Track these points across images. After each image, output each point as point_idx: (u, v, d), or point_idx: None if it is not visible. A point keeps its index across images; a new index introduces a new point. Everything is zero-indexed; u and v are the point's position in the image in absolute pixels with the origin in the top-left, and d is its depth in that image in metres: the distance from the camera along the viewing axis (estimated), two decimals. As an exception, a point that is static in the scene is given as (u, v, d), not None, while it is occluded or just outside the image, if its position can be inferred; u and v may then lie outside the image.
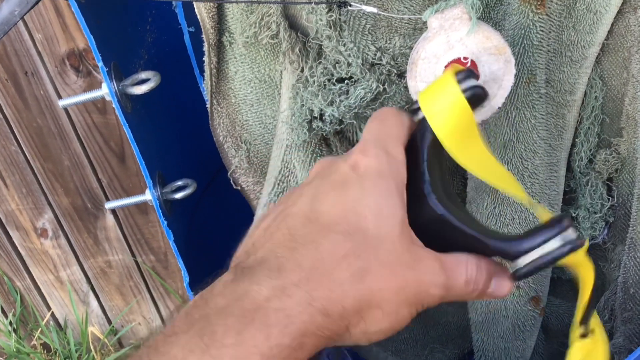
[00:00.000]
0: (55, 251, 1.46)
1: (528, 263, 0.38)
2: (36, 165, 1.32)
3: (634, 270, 0.59)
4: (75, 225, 1.42)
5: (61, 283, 1.51)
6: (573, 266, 0.39)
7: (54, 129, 1.28)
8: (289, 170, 0.61)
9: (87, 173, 1.33)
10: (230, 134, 0.66)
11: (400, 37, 0.55)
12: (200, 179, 0.67)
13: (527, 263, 0.38)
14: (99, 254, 1.45)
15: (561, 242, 0.38)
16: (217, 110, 0.64)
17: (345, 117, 0.56)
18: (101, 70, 0.53)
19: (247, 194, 0.69)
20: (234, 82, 0.63)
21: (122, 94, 0.56)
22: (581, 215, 0.63)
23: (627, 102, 0.59)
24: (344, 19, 0.54)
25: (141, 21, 0.66)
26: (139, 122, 0.59)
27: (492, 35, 0.49)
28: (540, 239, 0.38)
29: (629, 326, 0.60)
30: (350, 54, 0.54)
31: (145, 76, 0.57)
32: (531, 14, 0.54)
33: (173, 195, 0.63)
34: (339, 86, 0.56)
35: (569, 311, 0.69)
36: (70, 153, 1.31)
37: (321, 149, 0.60)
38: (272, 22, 0.56)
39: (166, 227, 0.61)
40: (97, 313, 1.56)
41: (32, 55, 1.20)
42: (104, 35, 0.55)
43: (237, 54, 0.61)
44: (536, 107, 0.58)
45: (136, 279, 1.49)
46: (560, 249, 0.38)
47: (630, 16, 0.55)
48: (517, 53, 0.56)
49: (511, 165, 0.60)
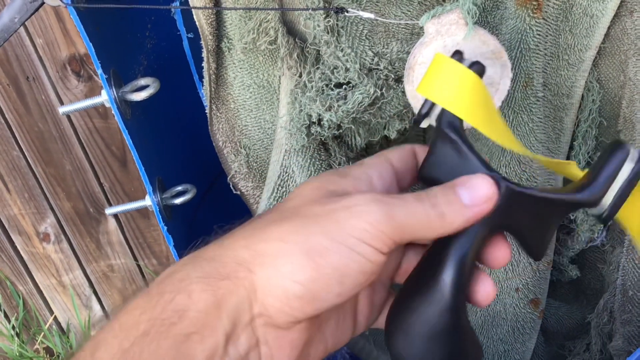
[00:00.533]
0: (57, 255, 1.46)
1: (615, 198, 0.38)
2: (38, 170, 1.33)
3: (632, 272, 0.59)
4: (77, 229, 1.42)
5: (64, 287, 1.51)
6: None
7: (56, 133, 1.28)
8: (288, 175, 0.61)
9: (89, 177, 1.33)
10: (229, 139, 0.66)
11: (397, 42, 0.55)
12: (200, 184, 0.67)
13: (613, 199, 0.38)
14: (101, 258, 1.46)
15: (632, 162, 0.37)
16: (216, 115, 0.64)
17: (344, 122, 0.57)
18: (100, 78, 0.53)
19: (247, 198, 0.69)
20: (232, 87, 0.63)
21: (121, 100, 0.57)
22: (579, 218, 0.63)
23: (625, 105, 0.59)
24: (341, 25, 0.54)
25: (140, 28, 0.66)
26: (139, 128, 0.60)
27: (488, 40, 0.49)
28: (610, 169, 0.37)
29: (628, 328, 0.60)
30: (348, 59, 0.55)
31: (145, 83, 0.57)
32: (528, 18, 0.55)
33: (173, 200, 0.64)
34: (337, 91, 0.56)
35: (568, 313, 0.70)
36: (72, 157, 1.31)
37: (320, 153, 0.60)
38: (270, 28, 0.56)
39: (166, 232, 0.61)
40: (99, 317, 1.56)
41: (33, 60, 1.20)
42: (103, 43, 0.55)
43: (235, 60, 0.61)
44: (533, 110, 0.58)
45: (139, 282, 1.49)
46: (636, 167, 0.37)
47: (627, 19, 0.55)
48: (514, 57, 0.56)
49: (509, 169, 0.60)
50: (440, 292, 0.38)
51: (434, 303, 0.38)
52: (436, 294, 0.38)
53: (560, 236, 0.66)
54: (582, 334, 0.69)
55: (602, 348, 0.64)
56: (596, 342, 0.65)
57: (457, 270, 0.38)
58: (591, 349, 0.66)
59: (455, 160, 0.40)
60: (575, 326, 0.69)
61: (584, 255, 0.68)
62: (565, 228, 0.65)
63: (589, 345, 0.66)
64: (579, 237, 0.64)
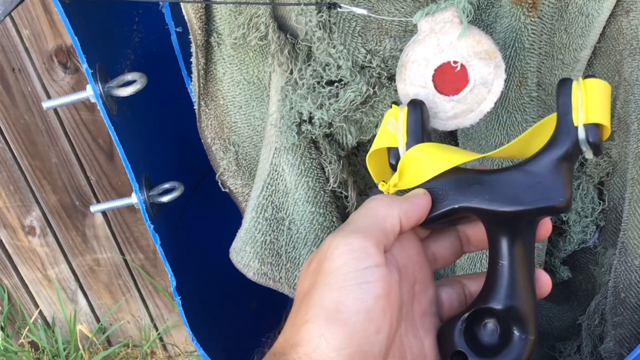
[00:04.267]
0: (43, 249, 1.45)
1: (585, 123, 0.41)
2: (24, 162, 1.31)
3: (624, 274, 0.58)
4: (63, 223, 1.40)
5: (49, 281, 1.50)
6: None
7: (42, 126, 1.26)
8: (278, 173, 0.60)
9: (76, 171, 1.32)
10: (218, 136, 0.65)
11: (390, 39, 0.54)
12: (187, 182, 0.66)
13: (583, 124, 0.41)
14: (88, 252, 1.44)
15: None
16: (205, 112, 0.63)
17: (335, 120, 0.56)
18: (85, 72, 0.52)
19: (236, 196, 0.68)
20: (222, 83, 0.62)
21: (107, 95, 0.55)
22: (572, 219, 0.63)
23: (619, 105, 0.58)
24: (333, 21, 0.53)
25: (127, 21, 0.65)
26: (125, 124, 0.58)
27: (483, 40, 0.48)
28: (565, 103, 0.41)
29: (619, 330, 0.60)
30: (340, 56, 0.54)
31: (132, 78, 0.56)
32: (523, 17, 0.54)
33: (160, 198, 0.63)
34: (329, 89, 0.55)
35: (559, 315, 0.69)
36: (58, 150, 1.29)
37: (310, 152, 0.59)
38: (261, 24, 0.55)
39: (152, 230, 0.60)
40: (85, 311, 1.55)
41: (19, 51, 1.18)
42: (89, 36, 0.54)
43: (225, 55, 0.60)
44: (527, 110, 0.57)
45: (125, 277, 1.48)
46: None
47: (623, 19, 0.55)
48: (508, 56, 0.55)
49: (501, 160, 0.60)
50: None
51: None
52: None
53: (552, 237, 0.65)
54: (573, 336, 0.68)
55: (593, 350, 0.64)
56: (587, 344, 0.64)
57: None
58: (582, 351, 0.65)
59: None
60: (566, 327, 0.69)
61: (575, 256, 0.67)
62: (557, 229, 0.65)
63: (579, 347, 0.66)
64: (571, 239, 0.64)
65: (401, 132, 0.46)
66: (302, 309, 0.38)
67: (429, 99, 0.50)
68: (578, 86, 0.42)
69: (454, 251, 0.46)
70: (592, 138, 0.41)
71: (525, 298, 0.41)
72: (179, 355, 1.58)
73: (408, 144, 0.45)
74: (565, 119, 0.41)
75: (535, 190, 0.41)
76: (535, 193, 0.41)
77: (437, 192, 0.43)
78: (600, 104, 0.41)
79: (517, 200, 0.41)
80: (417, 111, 0.46)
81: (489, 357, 0.41)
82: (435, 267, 0.46)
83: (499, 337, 0.41)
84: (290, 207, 0.61)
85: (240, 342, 0.82)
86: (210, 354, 0.62)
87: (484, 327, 0.42)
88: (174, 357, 1.58)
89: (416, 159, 0.44)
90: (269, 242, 0.62)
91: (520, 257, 0.41)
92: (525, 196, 0.41)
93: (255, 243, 0.61)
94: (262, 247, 0.61)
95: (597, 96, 0.42)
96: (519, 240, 0.41)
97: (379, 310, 0.36)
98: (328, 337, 0.35)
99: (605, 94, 0.42)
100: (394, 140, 0.46)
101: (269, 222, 0.61)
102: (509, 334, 0.41)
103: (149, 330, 1.55)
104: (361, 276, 0.37)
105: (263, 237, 0.61)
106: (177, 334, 1.55)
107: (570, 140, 0.41)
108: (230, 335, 0.79)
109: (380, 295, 0.37)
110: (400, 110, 0.47)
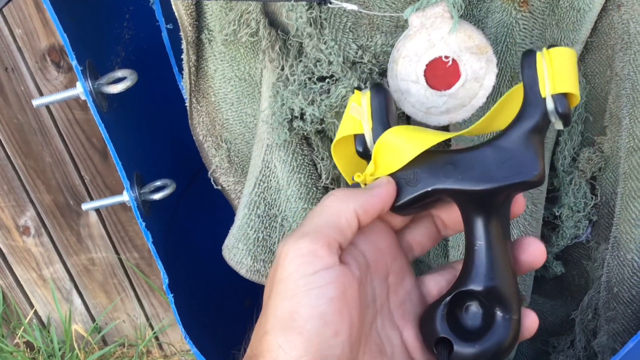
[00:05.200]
0: (37, 249, 1.44)
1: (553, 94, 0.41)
2: (17, 162, 1.31)
3: (617, 269, 0.58)
4: (57, 222, 1.40)
5: (44, 281, 1.50)
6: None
7: (35, 125, 1.26)
8: (270, 170, 0.60)
9: (69, 170, 1.31)
10: (210, 133, 0.65)
11: (381, 35, 0.54)
12: (180, 179, 0.66)
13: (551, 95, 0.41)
14: (82, 251, 1.44)
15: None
16: (196, 109, 0.63)
17: (327, 116, 0.56)
18: (75, 69, 0.52)
19: (228, 193, 0.68)
20: (213, 80, 0.62)
21: (97, 93, 0.55)
22: (564, 214, 0.63)
23: (611, 100, 0.58)
24: (324, 17, 0.53)
25: (118, 18, 0.65)
26: (116, 121, 0.58)
27: (474, 34, 0.48)
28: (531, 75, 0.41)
29: (612, 325, 0.60)
30: (331, 52, 0.53)
31: (122, 74, 0.56)
32: (514, 12, 0.54)
33: (151, 195, 0.62)
34: (320, 85, 0.55)
35: (552, 310, 0.69)
36: (52, 149, 1.29)
37: (302, 148, 0.59)
38: (252, 20, 0.55)
39: (144, 228, 0.60)
40: (80, 311, 1.54)
41: (12, 51, 1.18)
42: (79, 33, 0.54)
43: (216, 52, 0.60)
44: (519, 105, 0.57)
45: (120, 276, 1.47)
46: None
47: (614, 13, 0.55)
48: (499, 51, 0.55)
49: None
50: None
51: None
52: None
53: (544, 232, 0.65)
54: (566, 331, 0.68)
55: (587, 345, 0.64)
56: (580, 339, 0.64)
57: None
58: (575, 346, 0.65)
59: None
60: (560, 323, 0.69)
61: (568, 251, 0.67)
62: (549, 224, 0.65)
63: (573, 342, 0.66)
64: (564, 234, 0.64)
65: (366, 117, 0.44)
66: (262, 319, 0.38)
67: (421, 94, 0.50)
68: (542, 57, 0.41)
69: (431, 237, 0.46)
70: (560, 109, 0.40)
71: (505, 277, 0.40)
72: (174, 354, 1.57)
73: (374, 129, 0.44)
74: (532, 90, 0.41)
75: (507, 166, 0.40)
76: (507, 169, 0.40)
77: (407, 176, 0.42)
78: (567, 72, 0.41)
79: (490, 177, 0.40)
80: (380, 95, 0.45)
81: (473, 341, 0.40)
82: (412, 255, 0.46)
83: (482, 319, 0.41)
84: (282, 203, 0.61)
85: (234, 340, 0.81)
86: (204, 352, 0.62)
87: (466, 311, 0.41)
88: (170, 356, 1.58)
89: (390, 144, 0.43)
90: (262, 239, 0.61)
91: (496, 236, 0.41)
92: (498, 173, 0.40)
93: (247, 240, 0.61)
94: (254, 244, 0.61)
95: (562, 65, 0.41)
96: (494, 219, 0.41)
97: (334, 312, 0.36)
98: (286, 347, 0.35)
99: (571, 61, 0.41)
100: (359, 126, 0.45)
101: (262, 219, 0.61)
102: (491, 315, 0.40)
103: (145, 329, 1.55)
104: (311, 282, 0.36)
105: (255, 234, 0.61)
106: (173, 333, 1.55)
107: (539, 112, 0.41)
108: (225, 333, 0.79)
109: (334, 298, 0.36)
110: (363, 95, 0.45)
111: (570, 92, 0.40)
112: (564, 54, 0.41)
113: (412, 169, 0.42)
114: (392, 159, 0.43)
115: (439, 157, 0.42)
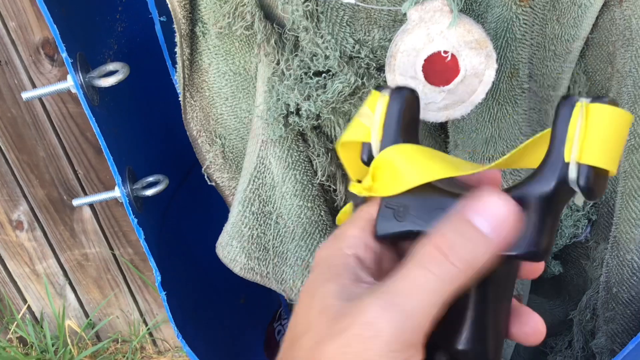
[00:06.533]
0: (31, 244, 1.43)
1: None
2: (11, 156, 1.30)
3: (616, 269, 0.58)
4: (51, 217, 1.39)
5: (37, 276, 1.49)
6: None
7: (29, 119, 1.25)
8: (265, 166, 0.59)
9: (63, 164, 1.30)
10: (204, 128, 0.64)
11: (379, 29, 0.53)
12: (173, 175, 0.65)
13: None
14: (76, 246, 1.43)
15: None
16: (190, 103, 0.62)
17: (323, 112, 0.55)
18: (65, 62, 0.51)
19: (222, 190, 0.67)
20: (207, 74, 0.61)
21: (88, 86, 0.54)
22: (564, 213, 0.62)
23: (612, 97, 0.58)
24: (321, 10, 0.52)
25: (110, 10, 0.64)
26: (107, 115, 0.57)
27: (473, 29, 0.47)
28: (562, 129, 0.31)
29: (611, 326, 0.59)
30: (328, 46, 0.52)
31: (113, 68, 0.55)
32: (514, 7, 0.53)
33: (144, 191, 0.61)
34: (316, 80, 0.54)
35: (550, 310, 0.69)
36: (46, 144, 1.28)
37: (298, 144, 0.58)
38: (247, 13, 0.54)
39: (136, 225, 0.59)
40: (74, 306, 1.54)
41: (5, 44, 1.17)
42: (69, 24, 0.53)
43: (210, 45, 0.59)
44: (518, 102, 0.56)
45: (114, 272, 1.46)
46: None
47: (616, 9, 0.54)
48: (499, 46, 0.54)
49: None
50: None
51: None
52: None
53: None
54: (564, 331, 0.68)
55: (585, 345, 0.64)
56: (578, 339, 0.64)
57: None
58: (573, 346, 0.65)
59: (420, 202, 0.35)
60: (558, 323, 0.68)
61: (567, 250, 0.66)
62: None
63: (571, 343, 0.66)
64: (563, 233, 0.63)
65: (376, 127, 0.37)
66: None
67: (419, 90, 0.49)
68: (581, 110, 0.31)
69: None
70: (582, 181, 0.31)
71: (488, 343, 0.34)
72: (168, 351, 1.57)
73: (383, 142, 0.37)
74: (556, 150, 0.32)
75: None
76: None
77: (397, 207, 0.36)
78: (605, 139, 0.31)
79: None
80: (399, 102, 0.37)
81: None
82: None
83: None
84: (277, 200, 0.60)
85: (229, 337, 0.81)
86: (197, 350, 0.61)
87: None
88: (164, 352, 1.57)
89: (391, 164, 0.37)
90: (256, 236, 0.60)
91: (486, 299, 0.34)
92: None
93: (242, 237, 0.60)
94: (249, 242, 0.60)
95: (602, 128, 0.31)
96: (487, 280, 0.33)
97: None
98: None
99: (618, 126, 0.31)
100: (367, 134, 0.38)
101: (256, 216, 0.60)
102: None
103: (139, 325, 1.54)
104: None
105: (250, 232, 0.60)
106: (167, 329, 1.54)
107: (556, 178, 0.32)
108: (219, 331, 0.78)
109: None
110: (380, 99, 0.37)
111: (600, 166, 0.31)
112: (609, 113, 0.31)
113: (405, 200, 0.36)
114: (390, 181, 0.37)
115: (434, 196, 0.35)
